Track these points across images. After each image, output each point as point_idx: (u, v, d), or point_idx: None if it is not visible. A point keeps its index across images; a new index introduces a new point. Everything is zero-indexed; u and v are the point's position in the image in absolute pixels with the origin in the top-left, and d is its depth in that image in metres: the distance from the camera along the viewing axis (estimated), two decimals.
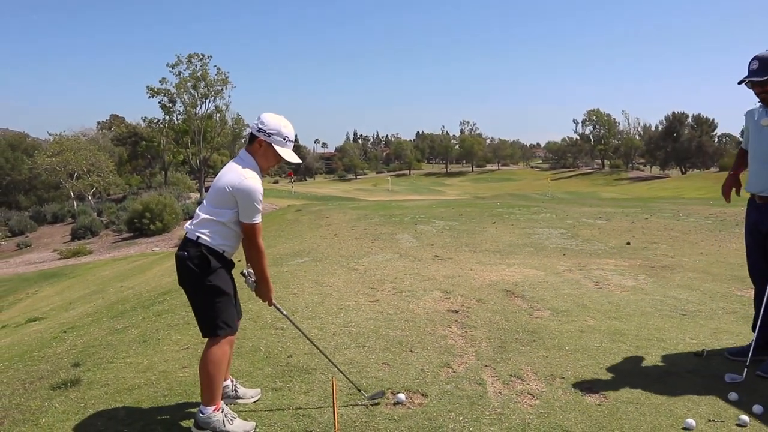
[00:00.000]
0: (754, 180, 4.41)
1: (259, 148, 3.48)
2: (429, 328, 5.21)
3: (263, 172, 3.53)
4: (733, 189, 4.65)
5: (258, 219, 3.44)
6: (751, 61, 4.13)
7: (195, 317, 3.51)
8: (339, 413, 3.54)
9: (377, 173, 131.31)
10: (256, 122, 3.49)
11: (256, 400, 3.80)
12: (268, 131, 3.45)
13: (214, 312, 3.42)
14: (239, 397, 3.78)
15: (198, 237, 3.39)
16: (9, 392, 4.29)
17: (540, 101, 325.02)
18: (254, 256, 3.53)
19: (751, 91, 4.23)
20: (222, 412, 3.36)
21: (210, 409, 3.34)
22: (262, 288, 3.64)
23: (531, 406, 3.67)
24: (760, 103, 4.29)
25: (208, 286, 3.39)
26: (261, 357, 4.56)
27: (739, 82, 4.20)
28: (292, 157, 3.53)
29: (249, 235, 3.47)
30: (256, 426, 3.41)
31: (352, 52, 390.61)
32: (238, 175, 3.36)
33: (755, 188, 4.40)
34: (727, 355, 4.49)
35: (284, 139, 3.49)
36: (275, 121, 3.49)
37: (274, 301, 3.73)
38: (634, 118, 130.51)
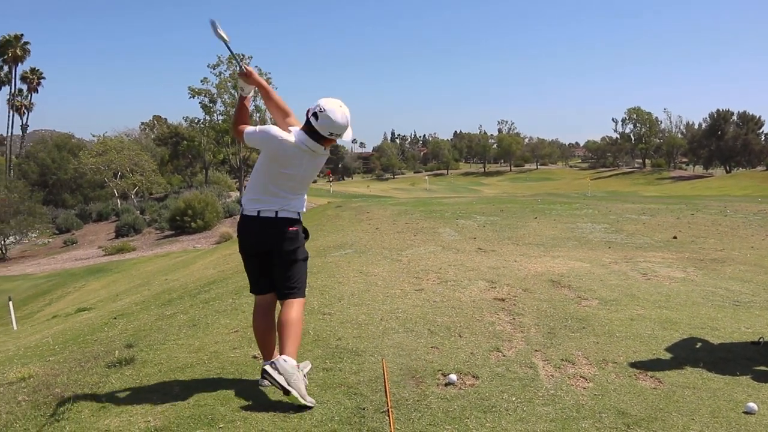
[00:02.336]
0: None
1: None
2: (476, 315, 5.19)
3: None
4: None
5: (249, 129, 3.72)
6: None
7: None
8: (391, 392, 3.55)
9: (415, 173, 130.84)
10: None
11: (307, 372, 3.82)
12: (314, 109, 3.55)
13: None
14: None
15: None
16: (67, 370, 4.42)
17: (579, 100, 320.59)
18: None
19: None
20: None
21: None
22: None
23: (584, 388, 3.62)
24: None
25: None
26: (310, 340, 4.59)
27: None
28: (324, 130, 3.54)
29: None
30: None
31: (390, 53, 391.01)
32: None
33: None
34: None
35: (320, 111, 3.52)
36: (324, 101, 3.57)
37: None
38: (677, 116, 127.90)
